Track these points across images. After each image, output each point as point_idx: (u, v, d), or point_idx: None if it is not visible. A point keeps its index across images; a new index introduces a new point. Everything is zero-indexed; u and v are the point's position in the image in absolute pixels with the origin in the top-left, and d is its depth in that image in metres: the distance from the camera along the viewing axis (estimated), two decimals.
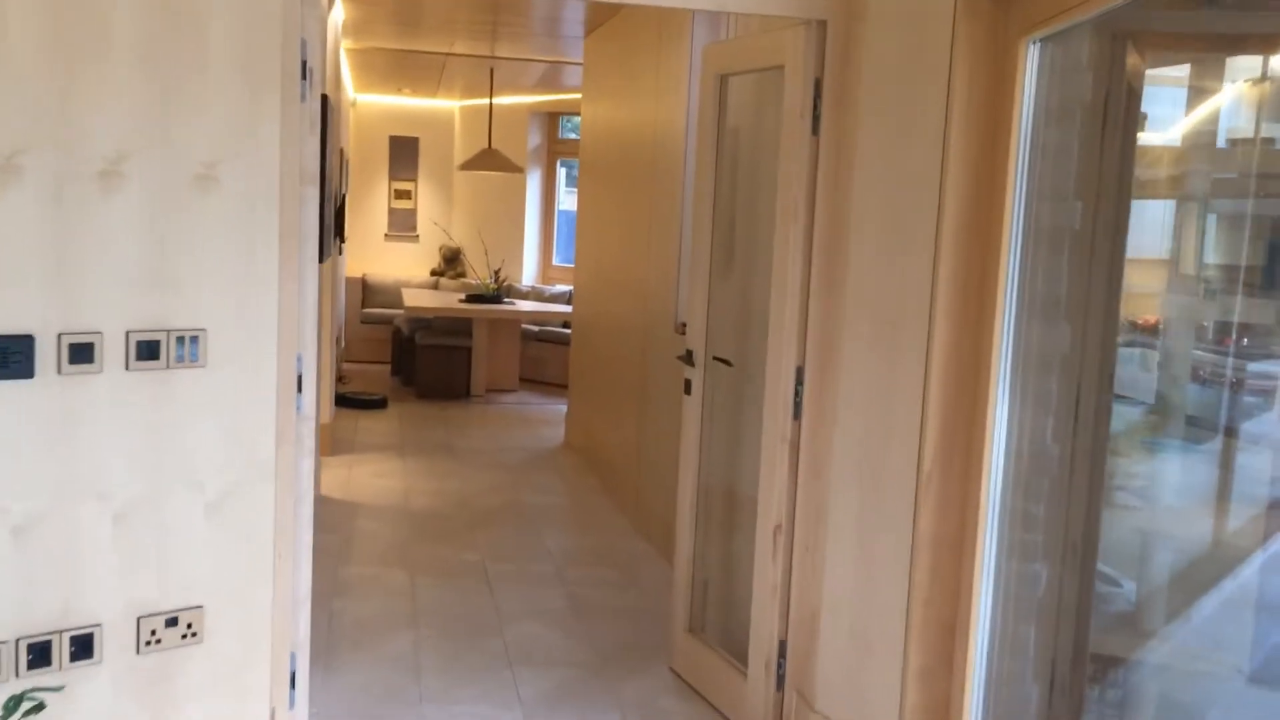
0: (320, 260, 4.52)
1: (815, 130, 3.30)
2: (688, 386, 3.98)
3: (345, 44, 8.79)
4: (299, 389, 3.07)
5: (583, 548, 5.56)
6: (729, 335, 3.97)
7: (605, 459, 6.77)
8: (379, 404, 8.95)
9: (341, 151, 8.14)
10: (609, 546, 5.58)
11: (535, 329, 10.55)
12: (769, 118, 3.86)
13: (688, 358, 3.99)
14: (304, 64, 2.98)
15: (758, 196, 3.88)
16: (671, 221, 5.38)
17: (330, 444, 7.14)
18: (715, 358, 3.93)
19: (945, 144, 2.89)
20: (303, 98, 3.00)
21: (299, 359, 3.06)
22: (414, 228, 12.01)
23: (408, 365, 9.95)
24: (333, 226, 6.80)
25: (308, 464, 3.13)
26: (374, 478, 6.63)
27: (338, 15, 6.98)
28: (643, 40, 6.10)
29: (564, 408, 8.86)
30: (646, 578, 5.09)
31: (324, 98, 4.83)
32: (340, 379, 9.26)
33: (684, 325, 5.08)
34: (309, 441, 3.13)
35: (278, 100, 2.89)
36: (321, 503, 5.96)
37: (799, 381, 3.38)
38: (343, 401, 8.87)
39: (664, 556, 5.23)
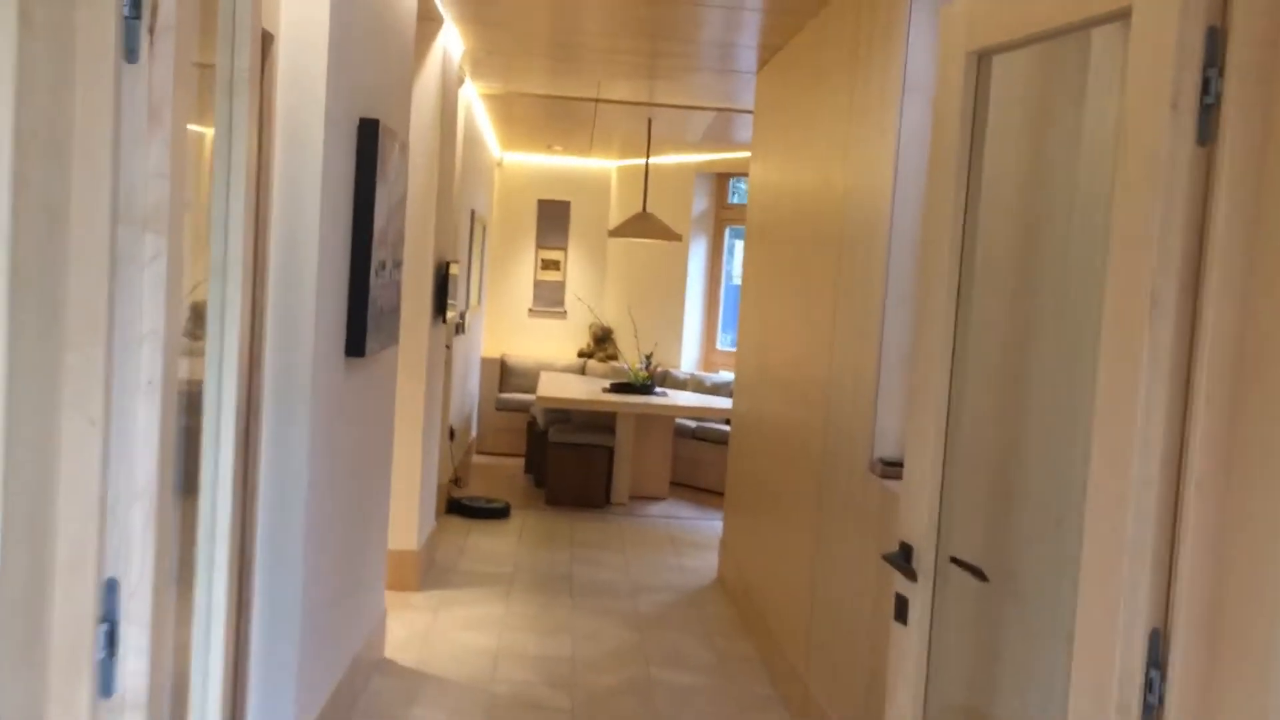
0: (354, 350, 3.08)
1: (1204, 134, 1.57)
2: (901, 608, 2.26)
3: (480, 88, 7.49)
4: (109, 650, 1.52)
5: None
6: (978, 518, 2.25)
7: (766, 614, 5.04)
8: (499, 513, 7.47)
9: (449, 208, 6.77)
10: None
11: (693, 424, 8.94)
12: (1067, 122, 2.16)
13: (902, 559, 2.27)
14: None
15: (1048, 270, 2.18)
16: (868, 309, 3.69)
17: (422, 573, 5.65)
18: (955, 561, 2.21)
19: None
20: (130, 53, 1.48)
21: (107, 584, 1.52)
22: (561, 302, 10.63)
23: (541, 463, 8.47)
24: (434, 299, 5.39)
25: None
26: (462, 630, 5.08)
27: (452, 43, 5.62)
28: (831, 60, 4.49)
29: (719, 526, 7.19)
30: None
31: (373, 123, 3.40)
32: (455, 481, 7.84)
33: (882, 464, 3.36)
34: None
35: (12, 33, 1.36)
36: (380, 671, 4.44)
37: (1154, 659, 1.62)
38: (457, 509, 7.42)
39: None
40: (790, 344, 4.96)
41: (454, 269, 5.95)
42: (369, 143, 3.45)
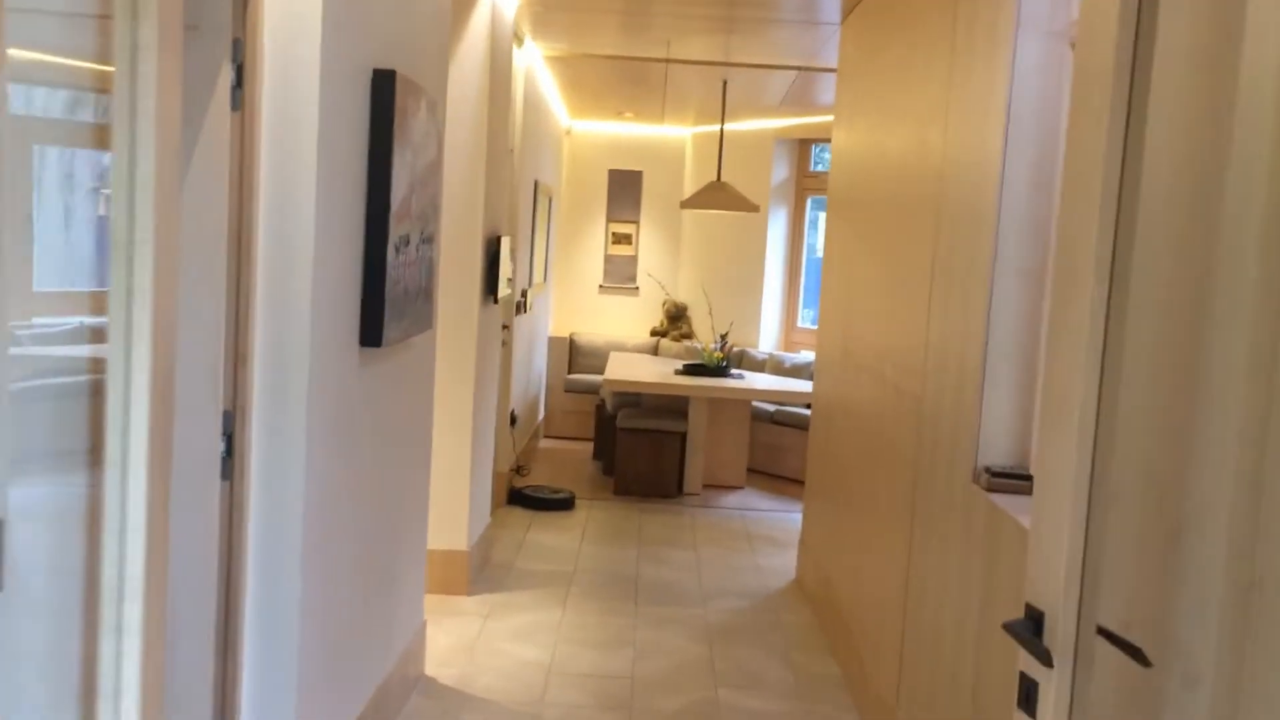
0: (371, 339, 2.65)
1: None
2: (1028, 695, 1.71)
3: (543, 50, 6.99)
4: None
5: None
6: (1137, 576, 1.69)
7: (850, 628, 4.51)
8: (563, 504, 7.02)
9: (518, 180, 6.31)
10: None
11: (771, 408, 8.39)
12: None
13: (1029, 631, 1.72)
14: None
15: (1234, 241, 1.61)
16: (972, 289, 3.12)
17: (472, 574, 5.22)
18: (1104, 634, 1.65)
19: None
20: None
21: None
22: (633, 278, 10.12)
23: (609, 450, 7.99)
24: (487, 275, 4.94)
25: None
26: (512, 641, 4.63)
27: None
28: (925, 9, 3.89)
29: (799, 518, 6.66)
30: None
31: (389, 75, 2.92)
32: (518, 469, 7.40)
33: (989, 474, 2.80)
34: None
35: None
36: (419, 690, 4.01)
37: None
38: (519, 500, 6.99)
39: None
40: (878, 326, 4.39)
41: (506, 244, 5.47)
42: (384, 98, 2.97)
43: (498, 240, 5.20)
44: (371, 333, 3.01)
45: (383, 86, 2.97)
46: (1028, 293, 2.95)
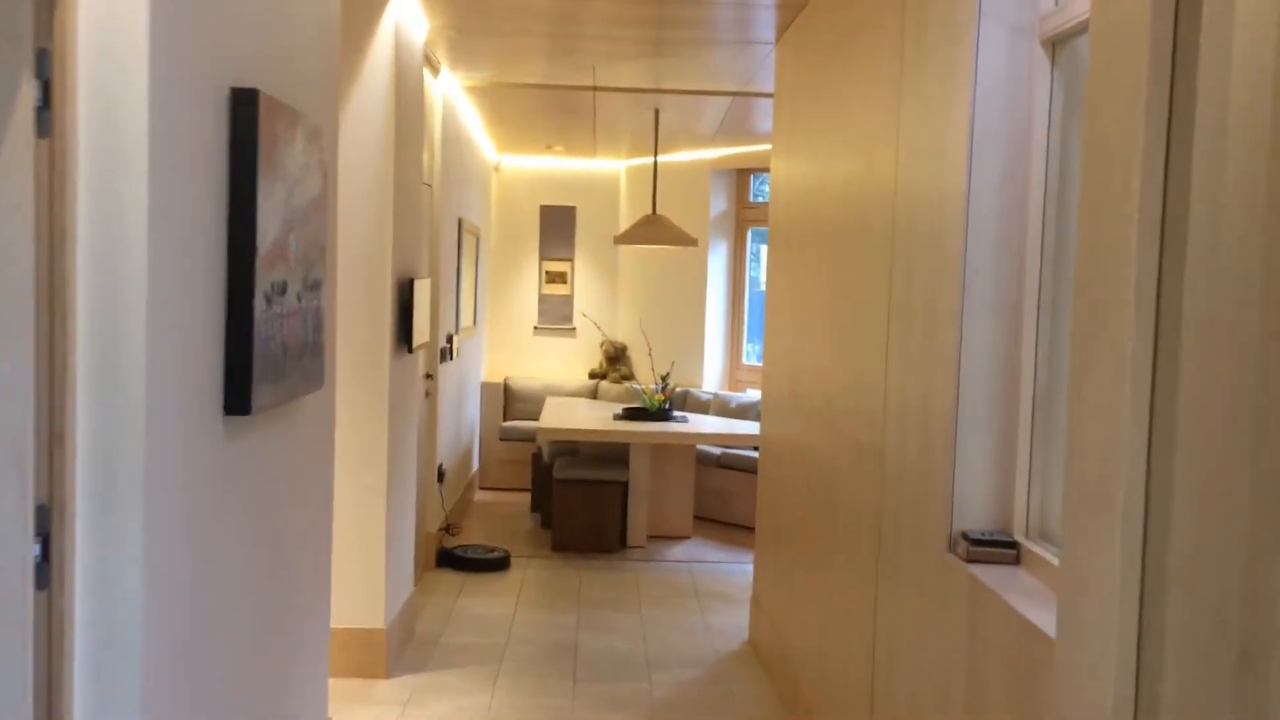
0: (237, 406, 2.20)
1: None
2: None
3: (462, 80, 6.57)
4: None
5: None
6: (1197, 706, 1.27)
7: (810, 700, 4.06)
8: (497, 564, 6.52)
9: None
10: None
11: (716, 452, 7.96)
12: None
13: None
14: None
15: None
16: (938, 326, 2.71)
17: (392, 654, 4.71)
18: None
19: None
20: None
21: None
22: (569, 318, 9.69)
23: (547, 501, 7.51)
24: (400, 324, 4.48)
25: None
26: None
27: (410, 19, 4.69)
28: (870, 7, 3.52)
29: (751, 569, 6.24)
30: None
31: (249, 95, 2.48)
32: (447, 528, 6.89)
33: (968, 543, 2.39)
34: None
35: None
36: None
37: None
38: (449, 561, 6.48)
39: None
40: (828, 369, 3.98)
41: (424, 287, 5.01)
42: (245, 122, 2.51)
43: (411, 284, 4.74)
44: (237, 398, 2.53)
45: (243, 108, 2.52)
46: (1002, 331, 2.55)
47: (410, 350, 4.77)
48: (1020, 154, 2.53)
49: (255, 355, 2.57)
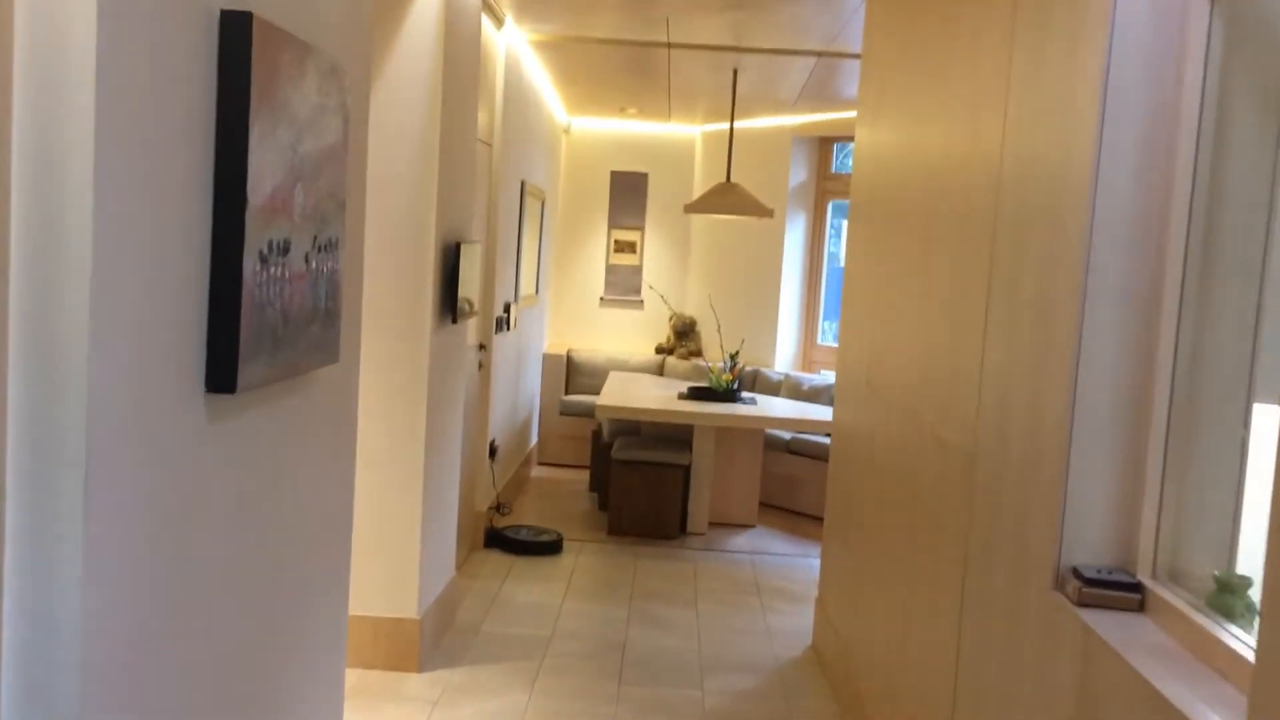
0: (220, 383, 1.85)
1: None
2: None
3: (529, 34, 6.18)
4: None
5: None
6: None
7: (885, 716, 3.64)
8: (549, 547, 6.18)
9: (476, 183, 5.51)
10: None
11: (786, 436, 7.53)
12: None
13: None
14: None
15: None
16: (1053, 322, 2.26)
17: (426, 645, 4.39)
18: None
19: None
20: None
21: None
22: (638, 290, 9.29)
23: (606, 480, 7.14)
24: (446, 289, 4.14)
25: None
26: None
27: None
28: None
29: (819, 564, 5.83)
30: None
31: (241, 19, 2.12)
32: (498, 507, 6.56)
33: (1081, 581, 1.95)
34: None
35: None
36: None
37: None
38: (498, 542, 6.16)
39: None
40: (912, 358, 3.53)
41: (474, 252, 4.65)
42: (236, 50, 2.15)
43: (458, 248, 4.37)
44: (221, 373, 2.18)
45: (234, 33, 2.15)
46: (1135, 323, 2.09)
47: (455, 320, 4.40)
48: (1165, 112, 2.06)
49: (244, 324, 2.21)
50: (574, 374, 8.83)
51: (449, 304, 4.36)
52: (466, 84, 4.58)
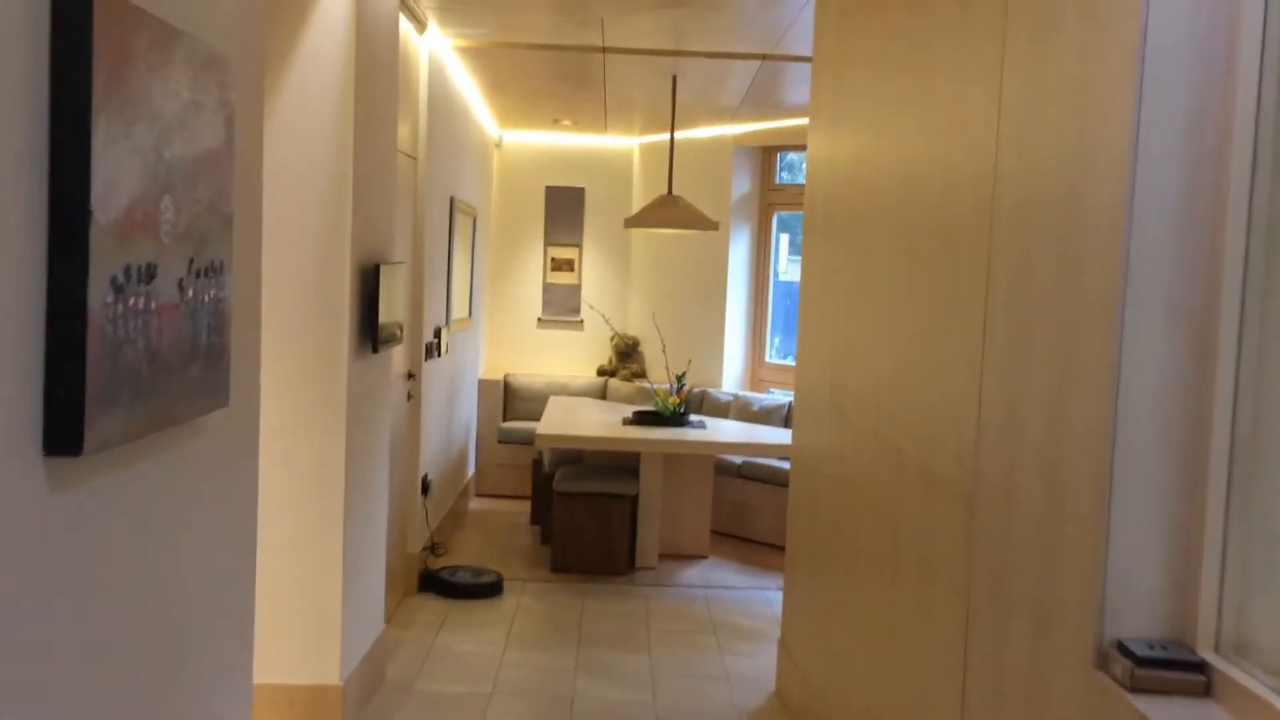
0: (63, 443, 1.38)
1: None
2: None
3: (453, 39, 5.77)
4: None
5: None
6: None
7: None
8: (488, 590, 5.73)
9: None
10: None
11: (738, 460, 7.16)
12: None
13: None
14: None
15: None
16: (1082, 338, 1.89)
17: (355, 707, 3.94)
18: None
19: None
20: None
21: None
22: (577, 309, 8.88)
23: (548, 513, 6.71)
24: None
25: None
26: None
27: None
28: None
29: (777, 597, 5.48)
30: None
31: None
32: (432, 548, 6.11)
33: (1132, 661, 1.56)
34: None
35: None
36: None
37: None
38: (433, 585, 5.70)
39: None
40: (888, 374, 3.17)
41: (397, 274, 4.21)
42: (72, 27, 1.72)
43: (377, 270, 3.94)
44: (62, 432, 1.74)
45: (70, 7, 1.72)
46: (1186, 341, 1.73)
47: (376, 349, 3.97)
48: (1216, 85, 1.72)
49: (92, 369, 1.78)
50: (512, 399, 8.39)
51: (369, 331, 3.92)
52: (384, 90, 4.16)
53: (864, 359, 3.50)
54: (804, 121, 7.48)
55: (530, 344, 8.84)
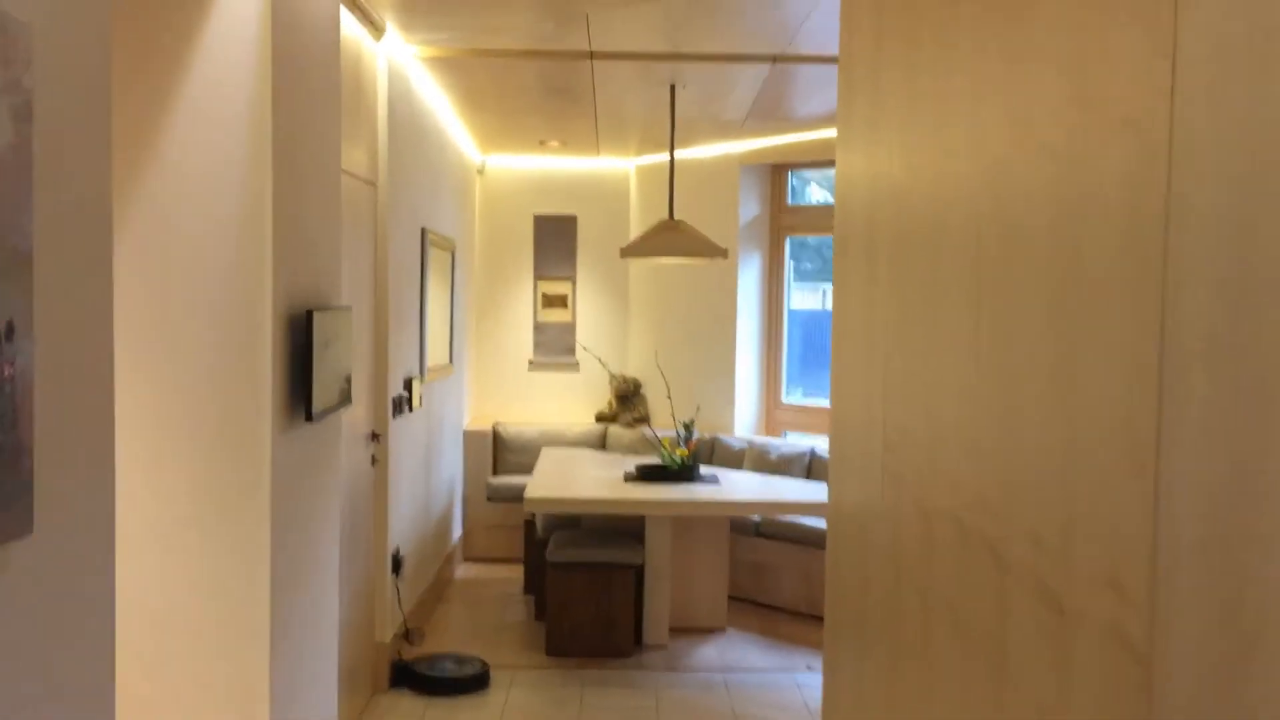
0: None
1: None
2: None
3: (419, 48, 5.03)
4: None
5: None
6: None
7: None
8: (471, 683, 4.92)
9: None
10: None
11: (755, 517, 6.36)
12: None
13: None
14: None
15: None
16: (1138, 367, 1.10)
17: None
18: None
19: None
20: None
21: None
22: (571, 350, 8.11)
23: (542, 583, 5.90)
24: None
25: None
26: None
27: None
28: None
29: (814, 683, 4.68)
30: None
31: None
32: (406, 635, 5.30)
33: None
34: None
35: None
36: None
37: None
38: (408, 679, 4.89)
39: None
40: (974, 440, 2.36)
41: (331, 320, 3.43)
42: None
43: (309, 317, 3.15)
44: None
45: None
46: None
47: (311, 417, 3.17)
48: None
49: None
50: (502, 452, 7.59)
51: (300, 394, 3.13)
52: (319, 97, 3.40)
53: (929, 412, 2.70)
54: (816, 135, 6.76)
55: (521, 389, 8.06)
